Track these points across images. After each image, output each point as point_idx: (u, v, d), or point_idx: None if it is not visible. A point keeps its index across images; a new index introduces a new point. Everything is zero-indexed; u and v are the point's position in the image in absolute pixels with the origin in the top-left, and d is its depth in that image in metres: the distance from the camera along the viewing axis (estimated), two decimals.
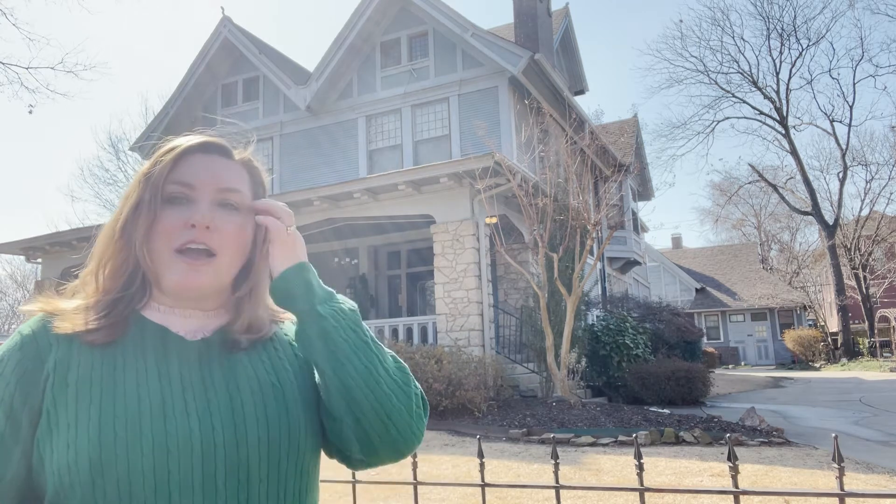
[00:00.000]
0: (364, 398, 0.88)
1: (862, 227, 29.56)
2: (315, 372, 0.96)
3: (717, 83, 29.70)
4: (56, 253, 13.75)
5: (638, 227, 21.98)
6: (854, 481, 5.03)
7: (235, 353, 0.93)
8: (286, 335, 1.03)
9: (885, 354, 25.71)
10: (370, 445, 0.90)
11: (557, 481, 1.88)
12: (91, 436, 0.80)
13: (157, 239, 0.90)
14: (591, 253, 13.06)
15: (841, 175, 29.31)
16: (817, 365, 26.54)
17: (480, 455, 1.89)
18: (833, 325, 31.40)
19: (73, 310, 0.91)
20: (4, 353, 0.89)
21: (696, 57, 34.94)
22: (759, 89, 29.23)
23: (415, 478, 2.04)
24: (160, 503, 0.81)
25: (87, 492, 0.80)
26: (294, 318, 0.99)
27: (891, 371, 20.24)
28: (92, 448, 0.80)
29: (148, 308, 0.94)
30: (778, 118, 29.09)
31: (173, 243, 0.89)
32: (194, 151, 0.95)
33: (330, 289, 0.98)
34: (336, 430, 0.92)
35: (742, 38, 42.42)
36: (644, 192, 24.62)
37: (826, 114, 32.00)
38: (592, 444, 6.92)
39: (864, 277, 29.21)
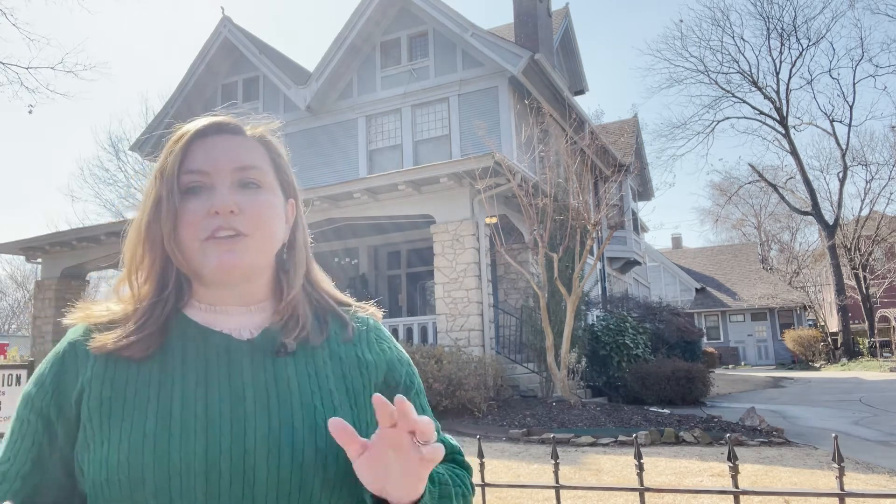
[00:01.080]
0: None
1: (862, 227, 29.55)
2: (357, 402, 0.89)
3: (717, 83, 29.73)
4: (56, 253, 13.74)
5: (638, 227, 21.97)
6: (854, 481, 5.03)
7: (281, 359, 0.87)
8: (341, 336, 0.94)
9: (885, 354, 25.71)
10: None
11: (557, 481, 1.88)
12: (121, 456, 0.78)
13: (183, 232, 0.85)
14: (591, 253, 13.06)
15: (841, 175, 29.32)
16: (817, 365, 26.54)
17: (480, 455, 1.89)
18: (833, 325, 31.40)
19: (112, 320, 0.88)
20: (48, 363, 0.87)
21: (696, 57, 34.99)
22: (759, 89, 29.24)
23: None
24: None
25: None
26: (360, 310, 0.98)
27: (891, 371, 20.24)
28: (121, 468, 0.77)
29: (190, 307, 0.90)
30: (778, 118, 29.09)
31: (200, 234, 0.84)
32: (203, 135, 0.90)
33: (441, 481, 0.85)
34: None
35: (742, 38, 42.42)
36: (644, 192, 24.62)
37: (826, 114, 32.08)
38: (592, 444, 6.93)
39: (864, 277, 29.21)
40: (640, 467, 1.77)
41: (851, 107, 28.77)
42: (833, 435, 1.70)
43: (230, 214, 0.84)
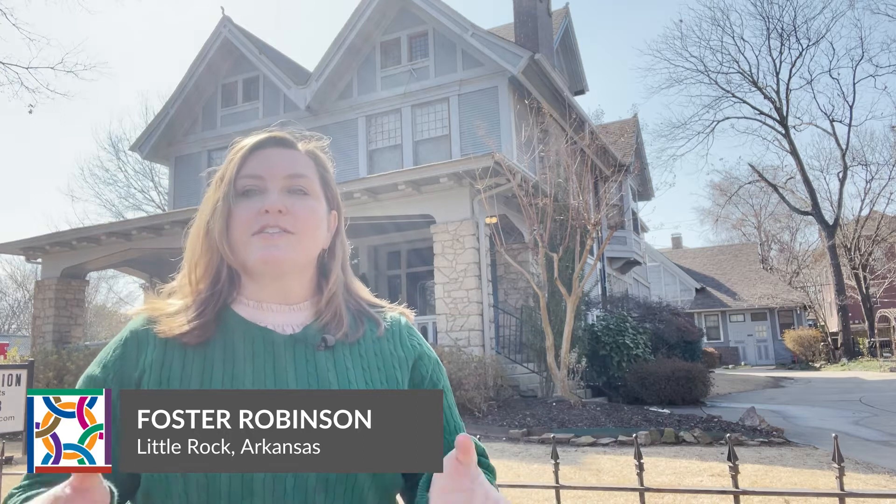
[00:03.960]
0: None
1: (862, 227, 29.55)
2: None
3: (717, 83, 29.72)
4: (56, 253, 13.73)
5: (638, 227, 21.97)
6: (854, 481, 5.03)
7: (321, 353, 0.94)
8: (378, 334, 1.01)
9: (885, 354, 25.71)
10: None
11: (557, 481, 1.88)
12: None
13: (234, 229, 0.94)
14: (591, 253, 13.05)
15: (841, 175, 29.32)
16: (817, 365, 26.54)
17: None
18: (833, 325, 31.39)
19: (172, 312, 0.95)
20: (112, 347, 0.95)
21: (696, 57, 34.97)
22: (759, 89, 29.23)
23: None
24: None
25: (177, 490, 0.82)
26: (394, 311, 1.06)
27: (891, 371, 20.24)
28: None
29: (237, 303, 0.98)
30: (778, 118, 29.08)
31: (250, 229, 0.93)
32: (261, 147, 1.00)
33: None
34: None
35: (742, 38, 42.35)
36: (644, 192, 24.61)
37: (826, 114, 31.96)
38: (592, 444, 6.93)
39: (864, 277, 29.21)
40: (640, 467, 1.77)
41: (851, 107, 28.83)
42: (833, 435, 1.70)
43: (279, 214, 0.94)
